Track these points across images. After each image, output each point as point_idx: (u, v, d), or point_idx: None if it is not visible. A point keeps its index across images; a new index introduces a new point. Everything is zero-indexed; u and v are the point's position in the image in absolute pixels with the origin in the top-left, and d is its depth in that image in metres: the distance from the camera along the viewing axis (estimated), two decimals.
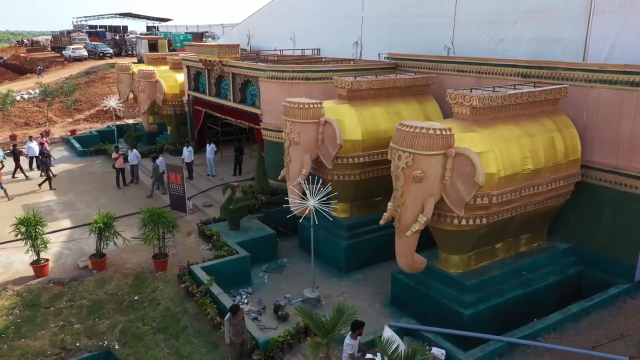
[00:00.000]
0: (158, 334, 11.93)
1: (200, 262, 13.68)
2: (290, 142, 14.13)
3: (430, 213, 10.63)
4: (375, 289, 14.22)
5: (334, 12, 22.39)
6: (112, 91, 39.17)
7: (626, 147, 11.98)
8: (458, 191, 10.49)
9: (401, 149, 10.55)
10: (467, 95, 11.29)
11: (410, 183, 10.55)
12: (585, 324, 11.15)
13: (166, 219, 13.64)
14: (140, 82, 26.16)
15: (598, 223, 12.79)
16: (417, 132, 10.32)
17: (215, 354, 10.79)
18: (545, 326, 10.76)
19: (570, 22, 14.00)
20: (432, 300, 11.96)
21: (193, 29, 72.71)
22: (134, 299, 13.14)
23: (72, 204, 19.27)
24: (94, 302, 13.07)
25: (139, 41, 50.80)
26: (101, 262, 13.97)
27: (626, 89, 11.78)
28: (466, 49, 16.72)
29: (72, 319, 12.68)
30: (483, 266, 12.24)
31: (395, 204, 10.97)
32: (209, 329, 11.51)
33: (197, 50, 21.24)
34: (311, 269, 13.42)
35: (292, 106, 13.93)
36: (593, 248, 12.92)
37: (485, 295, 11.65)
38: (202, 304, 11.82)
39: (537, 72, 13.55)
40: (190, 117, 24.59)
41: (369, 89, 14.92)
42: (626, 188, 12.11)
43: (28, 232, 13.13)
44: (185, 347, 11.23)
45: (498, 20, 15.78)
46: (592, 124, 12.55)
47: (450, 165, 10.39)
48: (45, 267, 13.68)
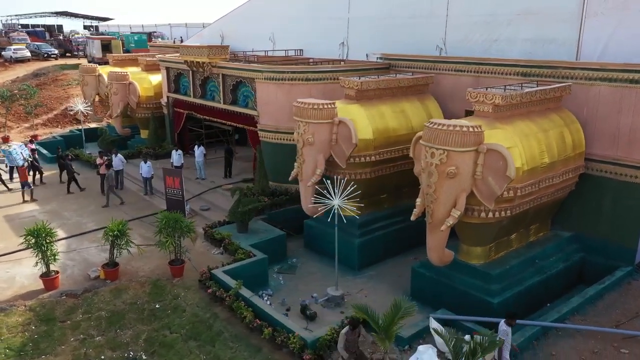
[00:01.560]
0: (190, 341, 11.70)
1: (220, 267, 13.52)
2: (304, 142, 14.23)
3: (462, 207, 11.08)
4: (390, 284, 14.57)
5: (318, 14, 22.55)
6: (68, 94, 37.61)
7: (626, 140, 12.95)
8: (489, 185, 11.01)
9: (434, 147, 10.92)
10: (489, 94, 11.84)
11: (444, 179, 10.96)
12: (601, 305, 11.99)
13: (183, 224, 13.38)
14: (113, 85, 25.31)
15: (599, 211, 13.73)
16: (451, 129, 10.74)
17: (259, 356, 10.75)
18: (570, 309, 11.48)
19: (563, 24, 14.91)
20: (457, 292, 12.42)
21: (137, 28, 70.54)
22: (155, 307, 12.80)
23: (58, 213, 18.41)
24: (112, 313, 12.62)
25: (90, 41, 48.85)
26: (114, 272, 13.52)
27: (625, 86, 12.73)
28: (459, 49, 17.37)
29: (92, 332, 12.19)
30: (501, 256, 12.87)
31: (427, 199, 11.35)
32: (247, 333, 11.45)
33: (183, 51, 20.81)
34: (335, 268, 13.60)
35: (306, 107, 14.03)
36: (594, 235, 13.85)
37: (509, 283, 12.27)
38: (237, 308, 11.71)
39: (538, 71, 14.34)
40: (169, 119, 24.00)
41: (376, 89, 15.26)
42: (626, 178, 13.09)
43: (38, 244, 12.49)
44: (224, 352, 11.10)
45: (491, 21, 16.53)
46: (592, 119, 13.46)
47: (482, 160, 10.88)
48: (56, 280, 13.07)
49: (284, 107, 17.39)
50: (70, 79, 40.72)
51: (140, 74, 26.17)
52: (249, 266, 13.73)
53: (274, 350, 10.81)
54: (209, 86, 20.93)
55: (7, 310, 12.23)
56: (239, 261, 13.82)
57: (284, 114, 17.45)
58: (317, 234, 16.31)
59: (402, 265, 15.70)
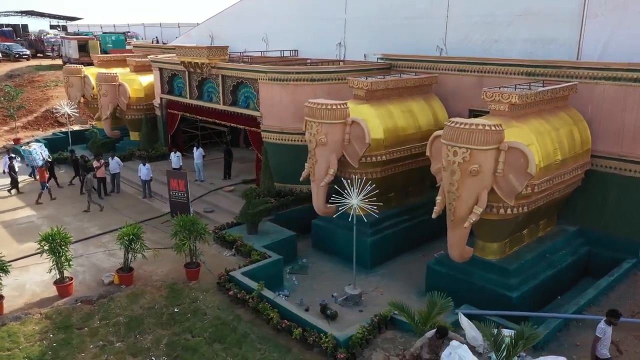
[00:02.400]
0: (214, 344, 11.61)
1: (237, 269, 13.46)
2: (317, 143, 14.29)
3: (484, 204, 11.35)
4: (403, 281, 14.76)
5: (312, 14, 22.62)
6: (47, 96, 36.61)
7: (630, 136, 13.46)
8: (510, 182, 11.30)
9: (457, 145, 11.15)
10: (505, 93, 12.14)
11: (467, 177, 11.20)
12: (613, 296, 12.43)
13: (199, 227, 13.27)
14: (102, 86, 24.80)
15: (604, 206, 14.22)
16: (474, 128, 10.99)
17: (289, 357, 10.76)
18: (587, 301, 11.86)
19: (564, 24, 15.38)
20: (475, 287, 12.68)
21: (109, 28, 69.19)
22: (174, 311, 12.65)
23: (57, 217, 17.95)
24: (131, 318, 12.41)
25: (66, 42, 47.54)
26: (129, 277, 13.29)
27: (630, 85, 13.24)
28: (459, 49, 17.70)
29: (111, 338, 11.97)
30: (515, 252, 13.21)
31: (450, 197, 11.57)
32: (274, 334, 11.43)
33: (179, 52, 20.56)
34: (345, 267, 13.80)
35: (319, 107, 14.09)
36: (599, 229, 14.33)
37: (525, 278, 12.61)
38: (262, 309, 11.67)
39: (542, 71, 14.77)
40: (163, 121, 23.66)
41: (385, 89, 15.44)
42: (630, 173, 13.61)
43: (54, 249, 12.19)
44: (252, 353, 11.06)
45: (492, 22, 16.91)
46: (596, 117, 13.93)
47: (503, 158, 11.16)
48: (70, 286, 12.77)
49: (288, 107, 17.44)
50: (47, 80, 39.63)
51: (130, 75, 25.71)
52: (265, 267, 13.70)
53: (305, 350, 10.83)
54: (206, 87, 20.74)
55: (22, 318, 11.90)
56: (255, 262, 13.77)
57: (288, 115, 17.49)
58: (325, 234, 16.39)
59: (412, 263, 15.96)
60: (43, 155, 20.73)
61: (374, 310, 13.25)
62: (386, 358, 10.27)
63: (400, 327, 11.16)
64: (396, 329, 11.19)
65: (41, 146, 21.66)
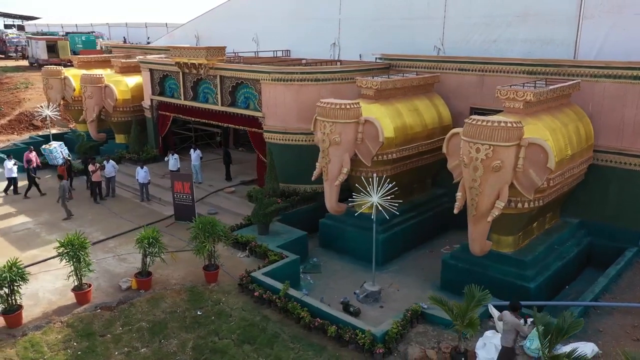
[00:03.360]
0: (244, 345, 11.56)
1: (257, 270, 13.44)
2: (331, 142, 14.42)
3: (506, 198, 11.74)
4: (416, 276, 15.06)
5: (305, 14, 22.69)
6: (19, 98, 35.34)
7: (630, 131, 14.16)
8: (530, 177, 11.72)
9: (480, 142, 11.49)
10: (520, 91, 12.58)
11: (489, 173, 11.56)
12: (622, 284, 13.06)
13: (219, 229, 13.18)
14: (87, 88, 24.20)
15: (605, 198, 14.89)
16: (496, 125, 11.35)
17: (325, 354, 10.84)
18: (600, 289, 12.41)
19: (561, 25, 16.01)
20: (492, 280, 12.99)
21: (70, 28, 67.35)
22: (197, 314, 12.53)
23: (55, 223, 17.43)
24: (153, 323, 12.22)
25: (33, 42, 45.97)
26: (148, 281, 13.08)
27: (630, 82, 13.93)
28: (457, 50, 18.15)
29: (136, 344, 11.75)
30: (527, 244, 13.69)
31: (472, 193, 11.90)
32: (305, 332, 11.48)
33: (174, 52, 20.25)
34: (372, 266, 13.85)
35: (333, 107, 14.23)
36: (600, 220, 14.99)
37: (540, 269, 13.10)
38: (292, 309, 11.70)
39: (544, 69, 15.33)
40: (153, 123, 23.24)
41: (392, 88, 15.70)
42: (631, 166, 14.31)
43: (74, 256, 11.88)
44: (286, 353, 11.08)
45: (490, 22, 17.42)
46: (597, 113, 14.58)
47: (524, 154, 11.57)
48: (88, 293, 12.47)
49: (292, 108, 17.49)
50: (17, 82, 38.21)
51: (115, 76, 25.16)
52: (284, 267, 13.73)
53: (339, 347, 10.93)
54: (202, 88, 20.51)
55: (43, 327, 11.56)
56: (273, 263, 13.77)
57: (292, 115, 17.53)
58: (333, 233, 16.53)
59: (421, 259, 16.32)
60: (63, 153, 20.76)
61: (394, 306, 13.56)
62: (422, 351, 10.50)
63: (431, 320, 11.43)
64: (426, 322, 11.44)
65: (61, 144, 21.61)
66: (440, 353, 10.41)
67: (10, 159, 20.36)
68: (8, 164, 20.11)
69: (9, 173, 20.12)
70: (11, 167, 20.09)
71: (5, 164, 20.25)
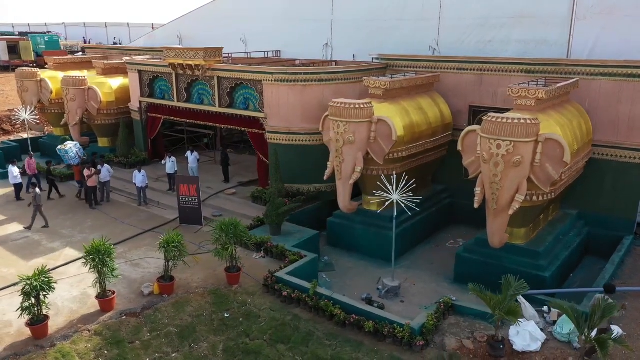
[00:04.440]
0: (278, 345, 11.61)
1: (279, 270, 13.50)
2: (345, 141, 14.64)
3: (525, 192, 12.28)
4: (428, 270, 15.50)
5: (295, 15, 22.80)
6: None
7: (625, 126, 15.03)
8: (546, 171, 12.31)
9: (501, 138, 11.98)
10: (531, 89, 13.18)
11: (510, 168, 12.07)
12: (626, 269, 13.90)
13: (241, 231, 13.16)
14: (70, 91, 23.44)
15: (601, 190, 15.73)
16: (517, 122, 11.87)
17: (363, 349, 11.02)
18: (610, 276, 13.16)
19: (554, 26, 16.82)
20: (506, 271, 13.26)
21: (22, 28, 65.12)
22: (224, 316, 12.46)
23: (55, 231, 16.86)
24: (181, 328, 12.08)
25: None
26: (171, 286, 12.89)
27: (624, 80, 14.79)
28: (452, 50, 18.71)
29: (166, 349, 11.60)
30: (537, 235, 14.33)
31: (493, 188, 12.38)
32: (339, 329, 11.63)
33: (169, 54, 19.92)
34: (392, 261, 14.13)
35: (347, 107, 14.45)
36: (597, 211, 15.83)
37: (551, 259, 13.75)
38: (326, 307, 11.83)
39: (541, 68, 16.03)
40: (142, 126, 22.76)
41: (400, 88, 16.06)
42: (625, 159, 15.20)
43: (102, 262, 11.60)
44: (323, 350, 11.19)
45: (485, 24, 18.06)
46: (594, 109, 15.38)
47: (541, 149, 12.13)
48: (113, 300, 12.18)
49: (296, 108, 17.59)
50: None
51: (98, 78, 24.46)
52: (304, 266, 13.85)
53: (377, 342, 11.14)
54: (197, 89, 20.27)
55: (71, 337, 11.23)
56: (293, 262, 13.86)
57: (296, 115, 17.63)
58: (342, 231, 16.74)
59: (428, 253, 16.78)
60: (79, 153, 20.59)
61: (414, 300, 13.94)
62: (458, 342, 10.87)
63: (461, 312, 11.82)
64: (457, 314, 11.82)
65: (76, 144, 21.22)
66: (476, 342, 10.80)
67: (14, 164, 19.82)
68: (14, 171, 19.54)
69: (15, 180, 19.56)
70: (17, 173, 19.54)
71: (11, 170, 19.63)
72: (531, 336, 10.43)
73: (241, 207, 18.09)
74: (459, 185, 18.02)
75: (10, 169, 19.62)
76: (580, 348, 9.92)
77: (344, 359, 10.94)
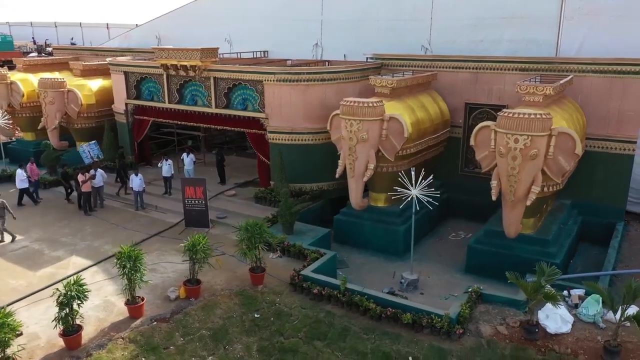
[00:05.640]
0: (314, 342, 11.73)
1: (303, 268, 13.60)
2: (358, 139, 14.89)
3: (540, 183, 12.95)
4: (437, 263, 16.00)
5: (283, 15, 22.83)
6: None
7: (615, 120, 16.05)
8: (559, 163, 13.02)
9: (518, 133, 12.58)
10: (539, 86, 13.87)
11: (527, 161, 12.70)
12: (625, 253, 14.93)
13: (265, 231, 13.16)
14: (48, 93, 22.51)
15: (592, 180, 16.70)
16: (533, 117, 12.51)
17: (402, 341, 11.26)
18: (615, 260, 14.07)
19: (544, 27, 17.72)
20: (518, 260, 14.12)
21: None
22: (255, 316, 12.44)
23: (55, 239, 16.18)
24: (214, 330, 11.97)
25: None
26: (197, 289, 12.71)
27: (614, 77, 15.80)
28: (445, 49, 19.30)
29: (202, 353, 11.49)
30: (542, 225, 15.09)
31: (510, 180, 12.97)
32: (374, 323, 11.85)
33: (161, 54, 19.52)
34: (411, 255, 14.56)
35: (360, 105, 14.72)
36: (589, 200, 16.80)
37: (558, 246, 14.53)
38: (360, 302, 12.03)
39: (536, 66, 16.85)
40: (128, 129, 22.15)
41: (405, 87, 16.46)
42: (616, 150, 16.23)
43: (134, 268, 11.32)
44: (362, 344, 11.40)
45: (477, 24, 18.78)
46: (586, 104, 16.30)
47: (554, 142, 12.82)
48: (142, 307, 11.89)
49: (299, 108, 17.69)
50: None
51: (77, 80, 23.58)
52: (325, 264, 14.02)
53: (415, 332, 11.44)
54: (189, 90, 19.96)
55: (106, 345, 10.90)
56: (315, 261, 13.98)
57: (298, 115, 17.73)
58: (349, 228, 16.97)
59: (434, 246, 17.30)
60: (91, 154, 20.51)
61: (432, 291, 14.38)
62: (493, 328, 11.35)
63: (489, 300, 12.29)
64: (485, 302, 12.29)
65: (90, 144, 21.06)
66: (510, 328, 11.31)
67: (22, 167, 19.12)
68: (21, 174, 18.85)
69: (21, 184, 18.82)
70: (24, 177, 18.86)
71: (18, 174, 18.93)
72: (562, 319, 11.02)
73: (245, 208, 17.99)
74: (455, 180, 18.68)
75: (18, 172, 18.98)
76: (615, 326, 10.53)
77: (384, 351, 11.21)
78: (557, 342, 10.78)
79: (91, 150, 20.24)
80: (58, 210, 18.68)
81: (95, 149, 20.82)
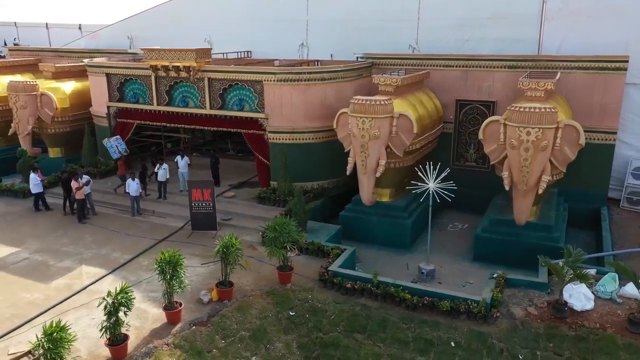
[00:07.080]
0: (355, 334, 12.00)
1: (329, 265, 13.82)
2: (371, 137, 15.27)
3: (549, 172, 13.87)
4: (444, 252, 16.63)
5: (266, 15, 22.74)
6: None
7: (597, 113, 17.34)
8: (564, 153, 13.99)
9: (530, 126, 13.42)
10: (541, 82, 14.82)
11: (538, 152, 13.57)
12: (617, 234, 16.15)
13: (292, 230, 13.24)
14: (19, 97, 21.32)
15: (578, 168, 17.88)
16: (543, 111, 13.39)
17: (442, 327, 11.75)
18: (611, 242, 15.23)
19: (526, 26, 18.78)
20: (524, 246, 15.01)
21: None
22: (290, 315, 12.54)
23: (56, 250, 15.43)
24: (253, 331, 11.97)
25: None
26: (230, 291, 12.62)
27: (596, 73, 17.08)
28: (432, 48, 20.01)
29: (245, 353, 11.48)
30: (542, 211, 16.08)
31: (523, 171, 13.79)
32: (410, 313, 12.28)
33: (152, 54, 18.98)
34: (428, 247, 15.08)
35: (371, 103, 15.11)
36: (573, 187, 17.96)
37: (560, 231, 15.55)
38: (396, 293, 12.39)
39: (523, 64, 17.90)
40: (111, 132, 21.32)
41: (407, 85, 17.00)
42: (598, 140, 17.53)
43: (174, 273, 11.10)
44: (402, 333, 11.78)
45: (463, 24, 19.61)
46: (570, 99, 17.50)
47: (560, 134, 13.76)
48: (180, 312, 11.67)
49: (299, 107, 17.81)
50: None
51: (49, 82, 22.45)
52: (349, 259, 14.29)
53: (452, 319, 11.97)
54: (180, 92, 19.55)
55: (153, 353, 10.65)
56: (338, 257, 14.22)
57: (299, 115, 17.86)
58: (356, 224, 17.28)
59: (437, 237, 17.85)
60: (119, 148, 19.80)
61: (448, 280, 14.98)
62: (523, 309, 12.07)
63: (513, 284, 13.00)
64: (510, 287, 12.99)
65: (117, 139, 20.11)
66: (539, 308, 12.06)
67: (36, 171, 18.58)
68: (35, 179, 18.21)
69: (36, 189, 18.24)
70: (38, 182, 18.22)
71: (32, 178, 18.27)
72: (585, 297, 11.89)
73: (248, 209, 17.90)
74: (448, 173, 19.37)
75: (32, 177, 18.31)
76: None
77: (426, 338, 11.66)
78: (584, 318, 11.63)
79: (119, 145, 19.36)
80: (47, 220, 17.78)
81: (122, 143, 19.94)
